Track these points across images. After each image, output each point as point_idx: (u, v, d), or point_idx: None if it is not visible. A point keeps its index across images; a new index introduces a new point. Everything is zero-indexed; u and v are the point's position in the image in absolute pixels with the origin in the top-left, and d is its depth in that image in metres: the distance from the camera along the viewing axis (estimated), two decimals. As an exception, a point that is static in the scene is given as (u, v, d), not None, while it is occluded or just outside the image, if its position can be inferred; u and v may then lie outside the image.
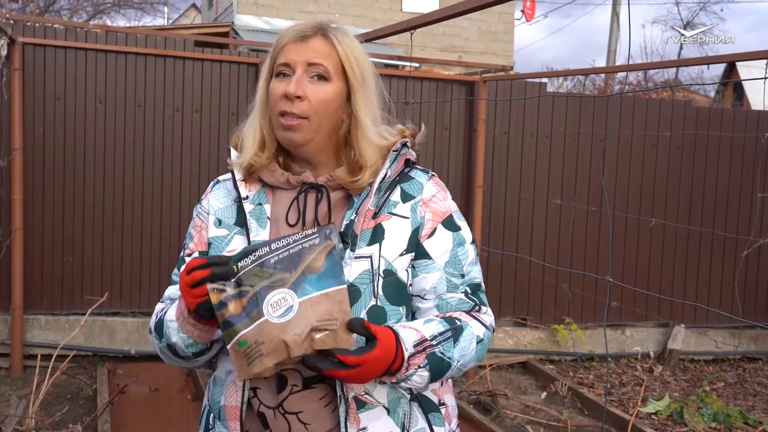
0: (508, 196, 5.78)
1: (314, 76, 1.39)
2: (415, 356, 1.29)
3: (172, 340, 1.39)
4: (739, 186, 6.19)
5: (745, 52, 4.44)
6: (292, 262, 1.24)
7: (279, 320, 1.21)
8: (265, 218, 1.43)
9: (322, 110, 1.39)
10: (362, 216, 1.38)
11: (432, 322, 1.36)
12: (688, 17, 26.42)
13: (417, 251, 1.41)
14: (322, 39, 1.42)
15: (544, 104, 5.87)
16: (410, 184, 1.45)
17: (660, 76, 19.74)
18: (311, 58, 1.39)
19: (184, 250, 1.52)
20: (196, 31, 13.43)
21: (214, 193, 1.53)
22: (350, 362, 1.20)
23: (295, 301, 1.22)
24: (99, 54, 5.19)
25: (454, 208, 1.48)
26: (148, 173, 5.30)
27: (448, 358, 1.34)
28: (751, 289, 6.20)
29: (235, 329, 1.21)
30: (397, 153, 1.45)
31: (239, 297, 1.23)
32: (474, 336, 1.39)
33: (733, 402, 5.13)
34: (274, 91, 1.41)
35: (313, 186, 1.43)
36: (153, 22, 25.70)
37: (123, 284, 5.30)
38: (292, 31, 1.43)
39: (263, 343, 1.20)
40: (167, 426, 4.23)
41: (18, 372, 4.89)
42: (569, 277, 5.76)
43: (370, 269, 1.36)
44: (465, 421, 4.50)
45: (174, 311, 1.39)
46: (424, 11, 4.79)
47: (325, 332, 1.21)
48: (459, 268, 1.44)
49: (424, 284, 1.42)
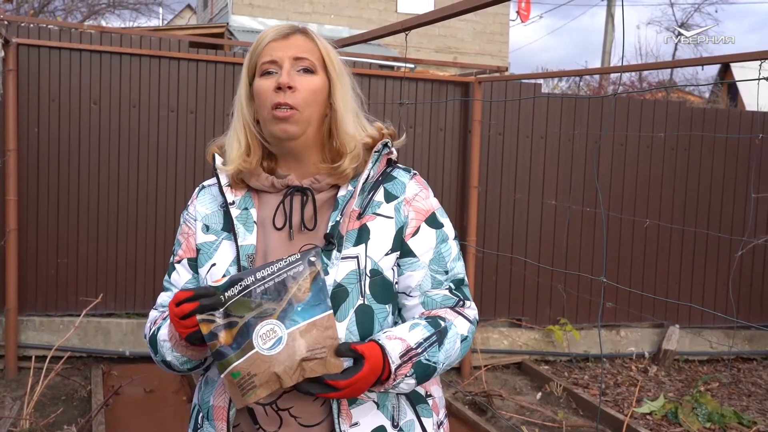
0: (503, 196, 5.79)
1: (301, 69, 1.43)
2: (402, 366, 1.33)
3: (167, 359, 1.44)
4: (733, 186, 6.20)
5: (740, 53, 4.46)
6: (278, 291, 1.27)
7: (269, 352, 1.25)
8: (251, 222, 1.45)
9: (312, 101, 1.42)
10: (347, 217, 1.40)
11: (417, 327, 1.39)
12: (682, 18, 26.50)
13: (402, 250, 1.45)
14: (303, 36, 1.47)
15: (538, 105, 5.88)
16: (393, 184, 1.47)
17: (654, 77, 19.80)
18: (297, 52, 1.43)
19: (174, 256, 1.54)
20: (191, 32, 13.41)
21: (200, 199, 1.55)
22: (341, 386, 1.26)
23: (284, 333, 1.26)
24: (93, 55, 5.18)
25: (436, 206, 1.51)
26: (143, 174, 5.30)
27: (434, 363, 1.38)
28: (745, 289, 6.22)
29: (228, 360, 1.25)
30: (378, 154, 1.48)
31: (229, 327, 1.26)
32: (458, 335, 1.44)
33: (728, 402, 5.14)
34: (262, 88, 1.43)
35: (298, 189, 1.45)
36: (148, 22, 25.68)
37: (118, 285, 5.29)
38: (272, 32, 1.46)
39: (256, 375, 1.25)
40: (162, 427, 4.22)
41: (12, 373, 4.88)
42: (564, 278, 5.77)
43: (357, 269, 1.39)
44: (460, 421, 4.50)
45: (166, 331, 1.43)
46: (419, 12, 4.80)
47: (315, 361, 1.26)
48: (443, 265, 1.47)
49: (410, 282, 1.45)
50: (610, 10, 20.29)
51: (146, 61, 5.29)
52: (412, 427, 1.44)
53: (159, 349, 1.45)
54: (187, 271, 1.51)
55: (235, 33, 15.05)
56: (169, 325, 1.40)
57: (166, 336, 1.42)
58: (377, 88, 5.65)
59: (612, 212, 5.82)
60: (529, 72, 16.69)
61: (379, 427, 1.40)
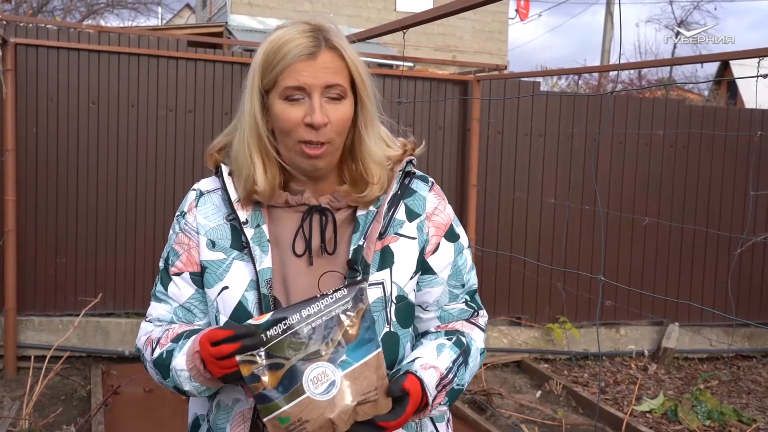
0: (502, 195, 5.79)
1: (331, 97, 1.30)
2: (438, 396, 1.32)
3: (185, 388, 1.32)
4: (732, 184, 6.20)
5: (738, 51, 4.45)
6: (327, 331, 1.19)
7: (322, 398, 1.18)
8: (265, 242, 1.35)
9: (342, 131, 1.32)
10: (371, 242, 1.33)
11: (444, 350, 1.37)
12: (681, 16, 26.49)
13: (422, 268, 1.41)
14: (330, 52, 1.30)
15: (537, 103, 5.88)
16: (414, 200, 1.42)
17: (654, 75, 19.79)
18: (328, 80, 1.28)
19: (169, 266, 1.42)
20: (189, 31, 13.41)
21: (201, 208, 1.42)
22: (392, 427, 1.23)
23: (337, 376, 1.19)
24: (92, 54, 5.18)
25: (452, 216, 1.47)
26: (142, 173, 5.29)
27: (462, 386, 1.39)
28: (744, 287, 6.21)
29: (275, 405, 1.17)
30: (402, 172, 1.42)
31: (273, 368, 1.17)
32: (478, 350, 1.44)
33: (727, 400, 5.14)
34: (289, 117, 1.29)
35: (316, 209, 1.37)
36: (147, 22, 25.67)
37: (117, 285, 5.29)
38: (296, 47, 1.28)
39: (308, 421, 1.17)
40: (161, 427, 4.22)
41: (11, 373, 4.88)
42: (564, 276, 5.77)
43: (383, 296, 1.33)
44: (460, 420, 4.50)
45: (184, 361, 1.30)
46: (417, 10, 4.79)
47: (368, 404, 1.21)
48: (460, 279, 1.45)
49: (428, 298, 1.43)
50: (609, 8, 20.28)
51: (145, 61, 5.28)
52: None
53: (173, 377, 1.32)
54: (190, 285, 1.40)
55: (234, 32, 15.03)
56: (189, 355, 1.28)
57: (183, 366, 1.29)
58: (376, 87, 5.64)
59: (611, 210, 5.82)
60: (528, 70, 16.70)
61: None
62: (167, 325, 1.42)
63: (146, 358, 1.40)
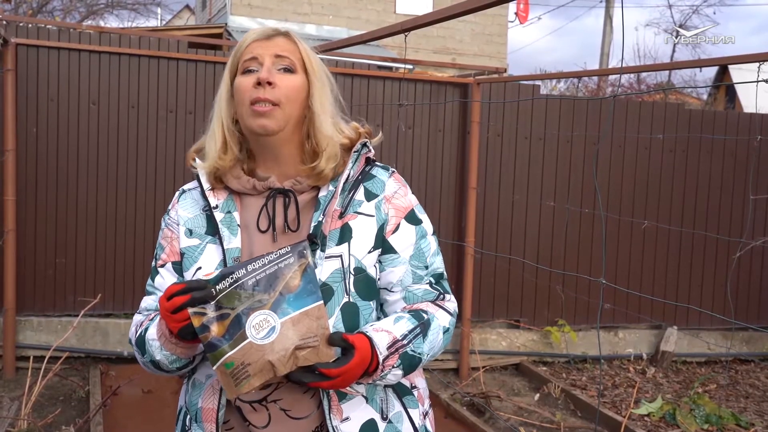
0: (501, 197, 5.79)
1: (281, 68, 1.45)
2: (389, 358, 1.36)
3: (156, 358, 1.43)
4: (731, 188, 6.21)
5: (738, 55, 4.46)
6: (270, 282, 1.28)
7: (263, 341, 1.26)
8: (235, 226, 1.46)
9: (292, 97, 1.44)
10: (329, 217, 1.43)
11: (402, 320, 1.42)
12: (680, 20, 26.53)
13: (383, 247, 1.48)
14: (285, 38, 1.49)
15: (537, 106, 5.88)
16: (373, 183, 1.51)
17: (653, 79, 19.80)
18: (278, 51, 1.46)
19: (156, 260, 1.55)
20: (189, 32, 13.42)
21: (182, 203, 1.56)
22: (333, 374, 1.28)
23: (277, 322, 1.27)
24: (92, 55, 5.18)
25: (415, 203, 1.55)
26: (141, 174, 5.29)
27: (419, 354, 1.42)
28: (743, 290, 6.22)
29: (221, 351, 1.26)
30: (358, 153, 1.51)
31: (221, 319, 1.27)
32: (440, 327, 1.47)
33: (726, 403, 5.15)
34: (242, 84, 1.44)
35: (280, 191, 1.47)
36: (146, 23, 25.69)
37: (116, 286, 5.29)
38: (255, 33, 1.49)
39: (249, 365, 1.26)
40: (160, 428, 4.21)
41: (10, 374, 4.88)
42: (562, 279, 5.78)
43: (341, 268, 1.42)
44: (458, 422, 4.51)
45: (155, 330, 1.42)
46: (417, 13, 4.81)
47: (308, 349, 1.28)
48: (423, 260, 1.51)
49: (391, 278, 1.49)
50: (609, 12, 20.32)
51: (145, 62, 5.29)
52: (401, 418, 1.48)
53: (147, 349, 1.44)
54: (172, 274, 1.51)
55: (233, 33, 15.04)
56: (158, 323, 1.40)
57: (154, 335, 1.41)
58: (376, 89, 5.66)
59: (610, 214, 5.82)
60: (528, 73, 16.72)
61: (369, 421, 1.43)
62: (153, 312, 1.52)
63: (132, 343, 1.51)
